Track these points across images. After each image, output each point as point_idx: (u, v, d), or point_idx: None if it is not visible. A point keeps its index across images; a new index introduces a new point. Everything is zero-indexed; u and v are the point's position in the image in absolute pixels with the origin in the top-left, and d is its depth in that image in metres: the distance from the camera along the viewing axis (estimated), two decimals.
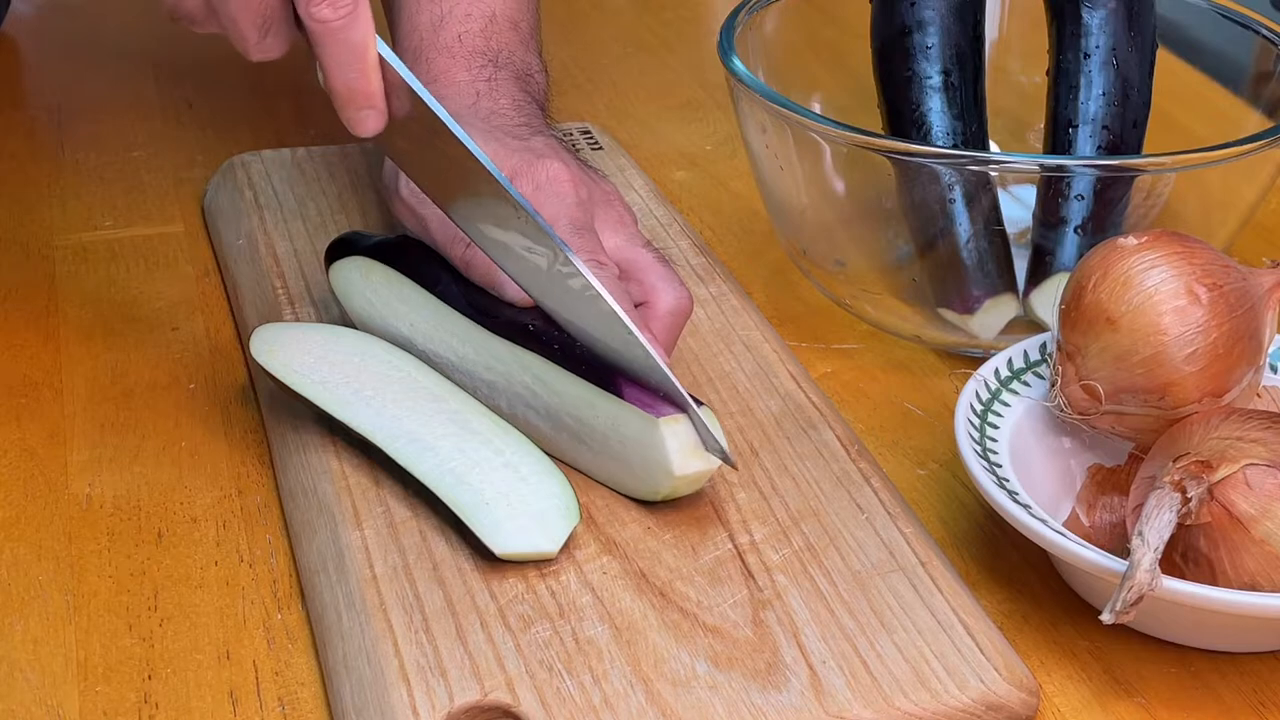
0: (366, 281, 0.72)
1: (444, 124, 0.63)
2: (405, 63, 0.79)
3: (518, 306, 0.69)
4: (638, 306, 0.69)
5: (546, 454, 0.66)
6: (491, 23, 0.81)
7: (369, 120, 0.64)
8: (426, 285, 0.70)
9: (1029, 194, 0.82)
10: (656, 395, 0.64)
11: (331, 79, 0.63)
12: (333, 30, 0.62)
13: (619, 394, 0.64)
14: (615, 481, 0.67)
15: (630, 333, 0.64)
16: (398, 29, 0.82)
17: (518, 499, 0.63)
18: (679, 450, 0.63)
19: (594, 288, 0.63)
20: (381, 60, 0.63)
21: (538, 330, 0.67)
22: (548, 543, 0.62)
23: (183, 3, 0.64)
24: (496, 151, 0.72)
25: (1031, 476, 0.65)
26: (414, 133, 0.65)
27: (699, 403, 0.65)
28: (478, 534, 0.62)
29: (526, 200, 0.64)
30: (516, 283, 0.67)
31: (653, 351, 0.64)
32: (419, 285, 0.70)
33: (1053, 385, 0.66)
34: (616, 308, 0.64)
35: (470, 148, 0.63)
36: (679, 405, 0.64)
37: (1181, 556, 0.60)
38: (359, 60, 0.62)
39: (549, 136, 0.76)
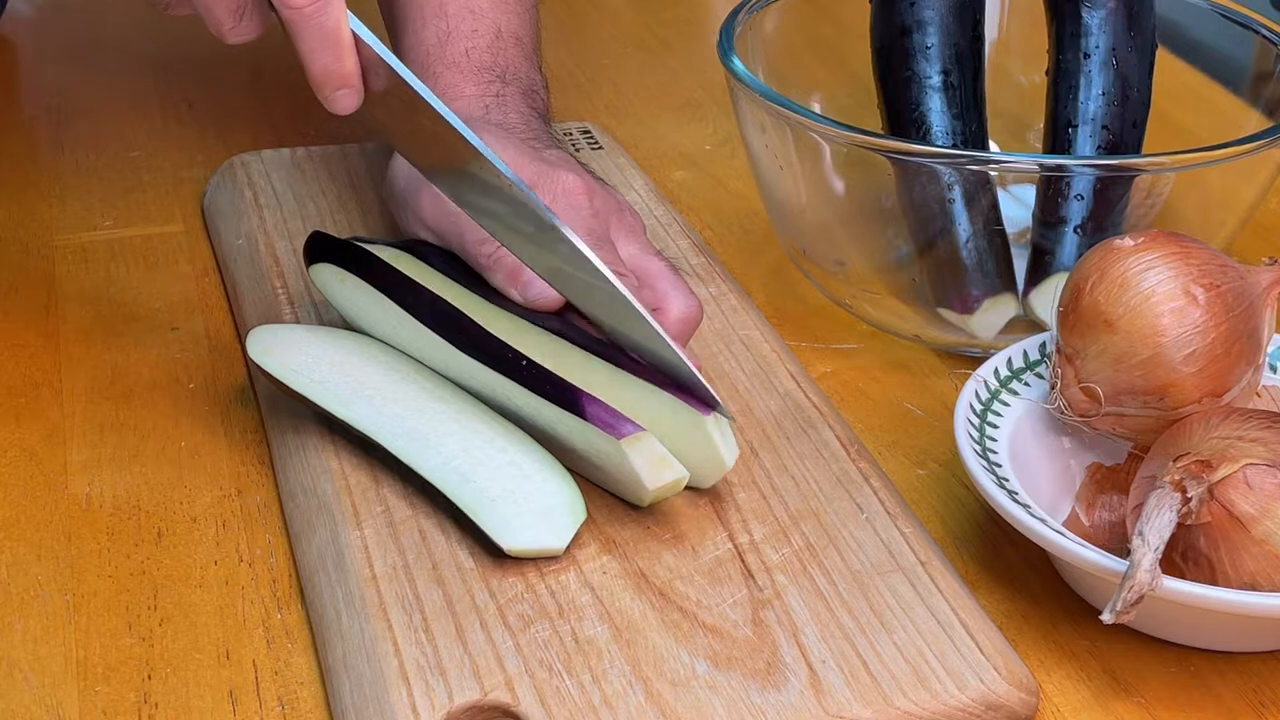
0: (342, 286, 0.72)
1: (421, 97, 0.63)
2: None
3: (491, 335, 0.68)
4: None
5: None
6: (498, 39, 0.81)
7: (346, 99, 0.64)
8: (395, 298, 0.69)
9: (1029, 194, 0.82)
10: (618, 414, 0.64)
11: (308, 63, 0.63)
12: (307, 16, 0.62)
13: (582, 415, 0.64)
14: (605, 486, 0.67)
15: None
16: (402, 43, 0.82)
17: (524, 496, 0.63)
18: (647, 466, 0.63)
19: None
20: (356, 38, 0.63)
21: (503, 351, 0.67)
22: (555, 539, 0.62)
23: None
24: (513, 160, 0.72)
25: (1031, 476, 0.65)
26: (393, 107, 0.65)
27: (717, 404, 0.65)
28: (487, 531, 0.62)
29: (498, 156, 0.64)
30: (519, 260, 0.68)
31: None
32: (389, 298, 0.70)
33: (1052, 387, 0.66)
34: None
35: (449, 118, 0.64)
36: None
37: (1181, 556, 0.60)
38: (334, 44, 0.62)
39: (560, 150, 0.77)
